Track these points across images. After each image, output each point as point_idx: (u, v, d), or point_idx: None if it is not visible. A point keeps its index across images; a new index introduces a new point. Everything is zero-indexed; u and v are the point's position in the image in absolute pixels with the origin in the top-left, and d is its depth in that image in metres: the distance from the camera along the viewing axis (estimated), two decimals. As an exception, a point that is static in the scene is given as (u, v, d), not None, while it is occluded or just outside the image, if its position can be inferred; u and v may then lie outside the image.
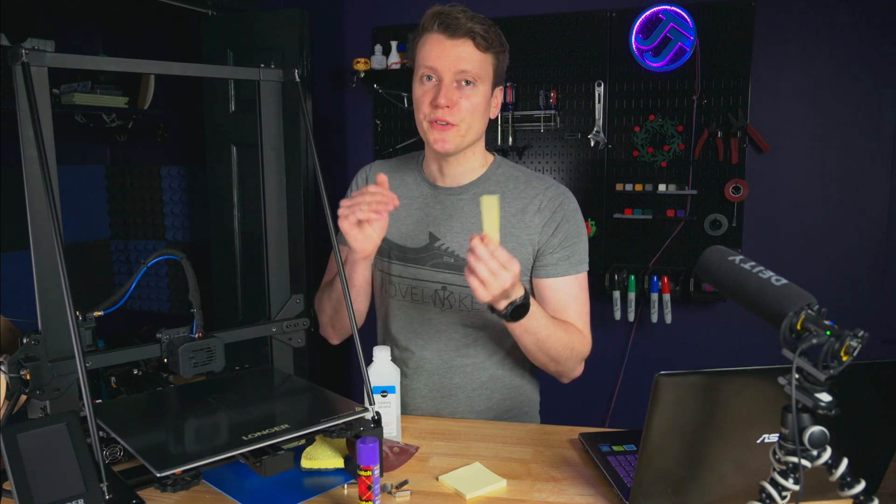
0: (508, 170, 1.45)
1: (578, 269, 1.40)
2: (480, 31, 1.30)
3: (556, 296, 1.39)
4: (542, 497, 1.06)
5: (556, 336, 1.30)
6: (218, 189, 3.03)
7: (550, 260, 1.39)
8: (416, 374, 1.47)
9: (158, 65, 1.20)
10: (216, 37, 2.94)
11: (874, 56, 2.70)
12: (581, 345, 1.36)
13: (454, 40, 1.30)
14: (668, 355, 3.03)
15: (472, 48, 1.30)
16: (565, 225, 1.39)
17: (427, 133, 1.35)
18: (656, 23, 2.83)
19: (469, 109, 1.32)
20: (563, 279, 1.39)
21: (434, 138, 1.33)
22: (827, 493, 0.95)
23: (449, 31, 1.30)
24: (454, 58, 1.30)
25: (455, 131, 1.33)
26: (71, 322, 0.93)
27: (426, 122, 1.34)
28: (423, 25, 1.33)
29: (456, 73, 1.30)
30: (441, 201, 1.44)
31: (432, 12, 1.32)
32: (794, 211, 2.85)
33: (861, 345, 0.69)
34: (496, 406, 1.47)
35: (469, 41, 1.30)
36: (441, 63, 1.30)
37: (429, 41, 1.32)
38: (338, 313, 1.46)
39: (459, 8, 1.32)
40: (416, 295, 1.44)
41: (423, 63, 1.32)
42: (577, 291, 1.40)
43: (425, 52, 1.32)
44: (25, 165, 1.01)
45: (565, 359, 1.33)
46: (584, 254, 1.41)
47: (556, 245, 1.38)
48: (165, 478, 0.97)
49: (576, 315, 1.39)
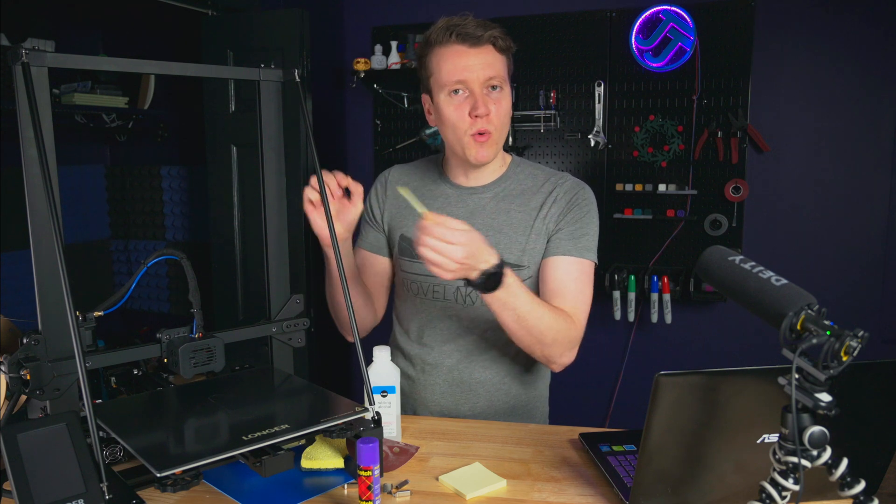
0: (527, 168, 1.48)
1: (584, 254, 1.39)
2: (499, 34, 1.32)
3: (556, 274, 1.38)
4: (542, 497, 1.06)
5: (537, 314, 1.27)
6: (218, 189, 3.03)
7: (557, 238, 1.39)
8: (435, 371, 1.47)
9: (158, 65, 1.20)
10: (216, 37, 2.94)
11: (874, 56, 2.70)
12: (569, 328, 1.32)
13: (478, 48, 1.31)
14: (668, 355, 3.03)
15: (494, 53, 1.33)
16: (577, 210, 1.40)
17: (468, 148, 1.36)
18: (656, 23, 2.83)
19: (502, 114, 1.35)
20: (566, 258, 1.38)
21: (477, 152, 1.35)
22: (827, 493, 0.95)
23: (470, 40, 1.31)
24: (481, 66, 1.31)
25: (491, 140, 1.35)
26: (71, 322, 0.93)
27: (467, 136, 1.34)
28: (435, 39, 1.33)
29: (485, 81, 1.32)
30: (463, 200, 1.46)
31: (443, 25, 1.32)
32: (794, 211, 2.85)
33: (861, 345, 0.69)
34: (513, 401, 1.47)
35: (490, 47, 1.32)
36: (470, 74, 1.31)
37: (449, 54, 1.32)
38: (338, 314, 1.48)
39: (468, 16, 1.33)
40: (438, 293, 1.44)
41: (450, 78, 1.32)
42: (579, 275, 1.38)
43: (450, 67, 1.32)
44: (25, 165, 1.01)
45: (551, 340, 1.30)
46: (591, 242, 1.40)
47: (565, 226, 1.39)
48: (165, 478, 0.97)
49: (572, 298, 1.36)
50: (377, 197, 1.54)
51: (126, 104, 3.34)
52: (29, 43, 3.07)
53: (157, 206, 3.66)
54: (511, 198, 1.44)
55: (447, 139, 1.39)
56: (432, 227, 1.11)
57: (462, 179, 1.47)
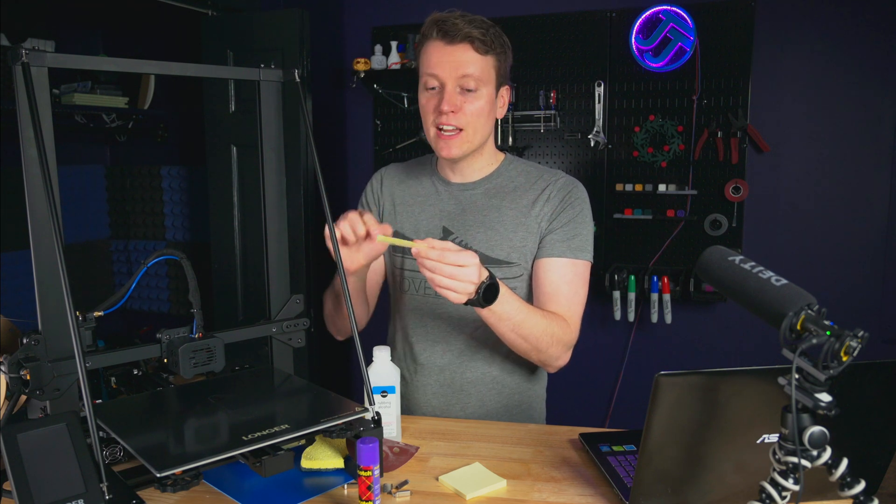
0: (521, 165, 1.48)
1: (578, 254, 1.39)
2: (478, 34, 1.31)
3: (550, 277, 1.38)
4: (542, 497, 1.06)
5: (532, 321, 1.28)
6: (218, 189, 3.03)
7: (550, 240, 1.39)
8: (427, 371, 1.47)
9: (158, 65, 1.20)
10: (216, 37, 2.94)
11: (874, 56, 2.70)
12: (563, 332, 1.33)
13: (453, 46, 1.31)
14: (668, 355, 3.03)
15: (471, 52, 1.32)
16: (570, 210, 1.40)
17: (434, 142, 1.37)
18: (656, 23, 2.83)
19: (474, 113, 1.34)
20: (560, 260, 1.38)
21: (440, 146, 1.36)
22: (827, 493, 0.95)
23: (448, 37, 1.31)
24: (455, 63, 1.31)
25: (461, 137, 1.35)
26: (71, 322, 0.93)
27: (433, 129, 1.36)
28: (424, 33, 1.35)
29: (458, 79, 1.32)
30: (454, 196, 1.46)
31: (431, 19, 1.34)
32: (794, 211, 2.85)
33: (861, 345, 0.69)
34: (506, 401, 1.47)
35: (468, 45, 1.31)
36: (442, 70, 1.32)
37: (429, 48, 1.34)
38: (336, 314, 1.47)
39: (458, 13, 1.33)
40: (430, 290, 1.44)
41: (426, 71, 1.35)
42: (572, 277, 1.39)
43: (427, 60, 1.34)
44: (25, 165, 1.01)
45: (546, 345, 1.31)
46: (585, 242, 1.40)
47: (558, 227, 1.39)
48: (165, 478, 0.97)
49: (566, 301, 1.37)
50: (372, 194, 1.55)
51: (126, 104, 3.34)
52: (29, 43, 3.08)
53: (157, 206, 3.66)
54: (503, 194, 1.44)
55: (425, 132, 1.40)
56: (442, 256, 1.11)
57: (450, 175, 1.48)
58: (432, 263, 1.12)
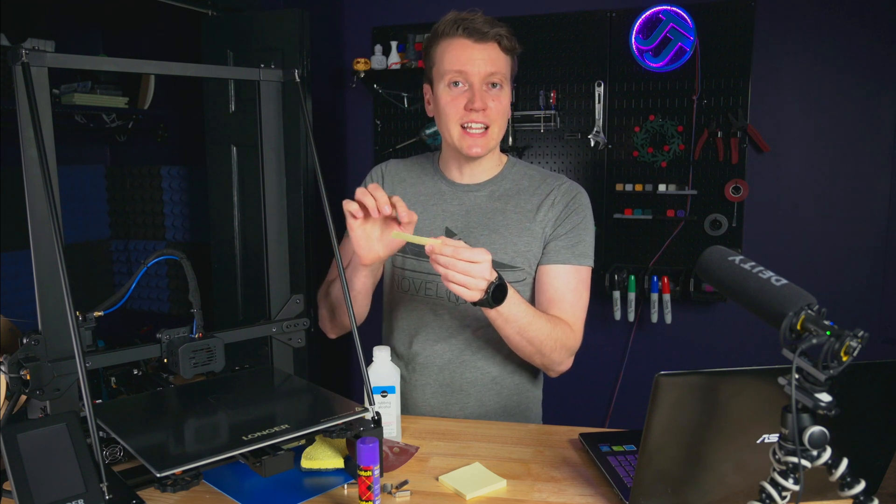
0: (523, 168, 1.49)
1: (581, 260, 1.40)
2: (505, 33, 1.34)
3: (555, 284, 1.39)
4: (542, 497, 1.06)
5: (537, 324, 1.29)
6: (218, 189, 3.03)
7: (554, 247, 1.40)
8: (426, 371, 1.47)
9: (158, 65, 1.20)
10: (216, 37, 2.94)
11: (874, 56, 2.70)
12: (567, 337, 1.35)
13: (482, 44, 1.33)
14: (668, 355, 3.03)
15: (498, 51, 1.34)
16: (574, 216, 1.41)
17: (459, 140, 1.37)
18: (656, 23, 2.83)
19: (499, 111, 1.36)
20: (564, 267, 1.39)
21: (468, 144, 1.36)
22: (827, 493, 0.95)
23: (476, 35, 1.32)
24: (483, 61, 1.33)
25: (488, 135, 1.37)
26: (71, 322, 0.93)
27: (457, 128, 1.36)
28: (443, 31, 1.36)
29: (486, 77, 1.33)
30: (458, 197, 1.46)
31: (452, 18, 1.35)
32: (794, 211, 2.85)
33: (861, 345, 0.69)
34: (504, 402, 1.47)
35: (495, 44, 1.34)
36: (471, 67, 1.33)
37: (453, 46, 1.34)
38: (335, 312, 1.47)
39: (478, 13, 1.35)
40: (430, 289, 1.45)
41: (451, 68, 1.34)
42: (576, 283, 1.40)
43: (452, 58, 1.34)
44: (25, 165, 1.01)
45: (550, 350, 1.32)
46: (588, 248, 1.41)
47: (563, 234, 1.40)
48: (165, 478, 0.97)
49: (570, 307, 1.38)
50: None
51: (126, 104, 3.34)
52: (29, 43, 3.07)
53: (157, 206, 3.66)
54: (507, 197, 1.44)
55: (441, 130, 1.41)
56: (456, 252, 1.11)
57: (457, 175, 1.47)
58: (446, 259, 1.12)
